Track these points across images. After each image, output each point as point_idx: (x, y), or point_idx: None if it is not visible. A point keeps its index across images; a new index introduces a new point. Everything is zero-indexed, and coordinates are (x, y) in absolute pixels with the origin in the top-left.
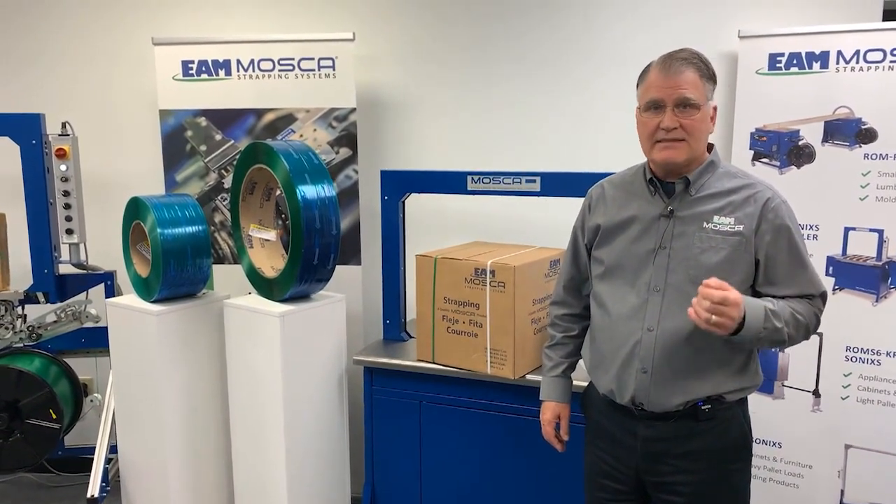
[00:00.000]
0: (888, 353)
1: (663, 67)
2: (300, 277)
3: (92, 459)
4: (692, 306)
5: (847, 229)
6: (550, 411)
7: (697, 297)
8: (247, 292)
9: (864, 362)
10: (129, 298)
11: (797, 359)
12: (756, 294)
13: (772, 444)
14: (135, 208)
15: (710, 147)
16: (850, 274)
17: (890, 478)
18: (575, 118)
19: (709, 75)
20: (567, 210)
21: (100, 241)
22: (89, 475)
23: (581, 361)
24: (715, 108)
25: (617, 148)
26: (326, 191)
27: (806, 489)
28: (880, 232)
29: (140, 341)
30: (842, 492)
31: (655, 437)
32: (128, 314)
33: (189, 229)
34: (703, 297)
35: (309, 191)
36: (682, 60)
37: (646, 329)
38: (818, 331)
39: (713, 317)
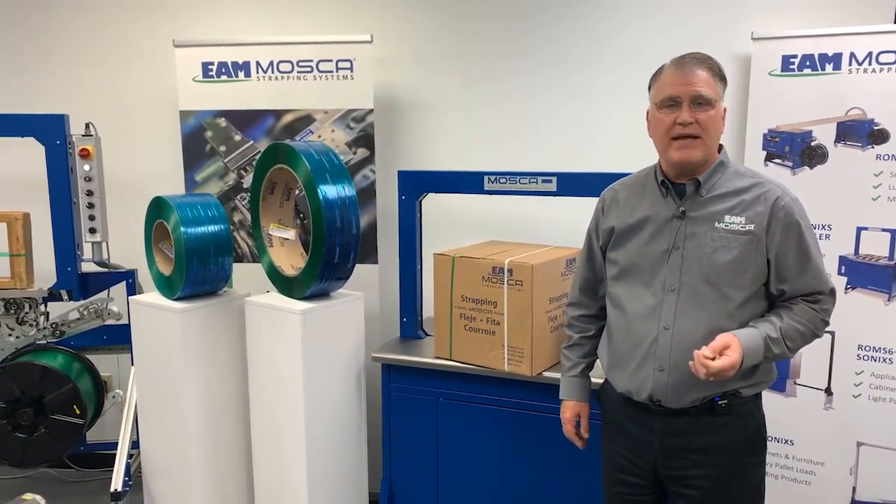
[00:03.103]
0: None
1: (677, 66)
2: (321, 276)
3: (110, 455)
4: (694, 359)
5: (859, 229)
6: (570, 410)
7: (698, 358)
8: (265, 290)
9: (875, 360)
10: (152, 296)
11: (809, 357)
12: (767, 292)
13: (784, 441)
14: (157, 207)
15: (720, 148)
16: (863, 273)
17: None
18: (591, 118)
19: (720, 75)
20: (578, 210)
21: (120, 239)
22: (108, 471)
23: (598, 360)
24: (725, 110)
25: (633, 147)
26: (347, 191)
27: (818, 487)
28: (892, 232)
29: (163, 338)
30: (853, 489)
31: (672, 432)
32: (150, 311)
33: (211, 228)
34: (701, 365)
35: (330, 190)
36: (694, 60)
37: (662, 328)
38: (830, 329)
39: (711, 378)
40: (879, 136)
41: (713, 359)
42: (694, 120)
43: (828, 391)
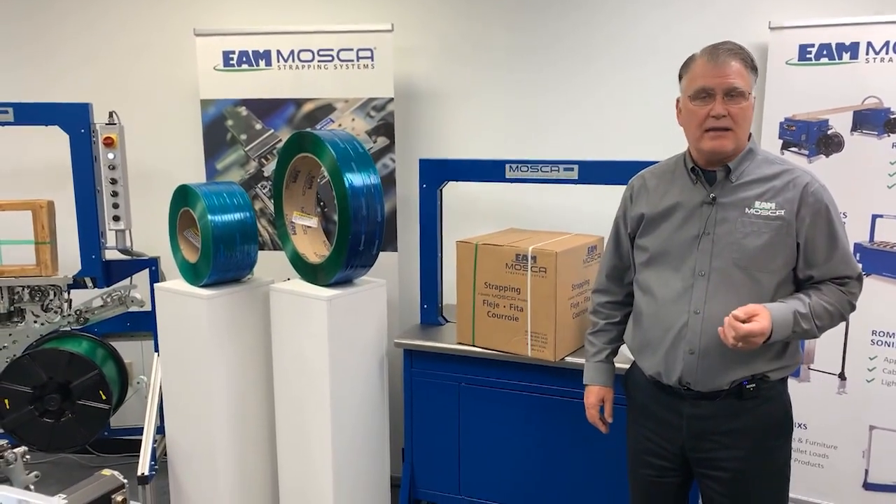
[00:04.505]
0: None
1: (711, 57)
2: (346, 263)
3: (130, 440)
4: (723, 327)
5: (875, 216)
6: (595, 395)
7: (727, 322)
8: (285, 278)
9: (889, 346)
10: (177, 283)
11: (824, 343)
12: (796, 277)
13: (798, 425)
14: (183, 196)
15: (749, 136)
16: (878, 260)
17: None
18: (609, 108)
19: (752, 66)
20: (597, 199)
21: (142, 227)
22: (128, 456)
23: (623, 346)
24: (754, 99)
25: (653, 135)
26: (372, 179)
27: (830, 469)
28: None
29: (189, 325)
30: (866, 472)
31: (701, 415)
32: (176, 298)
33: (237, 216)
34: (730, 327)
35: (356, 179)
36: (728, 51)
37: (692, 312)
38: None
39: (739, 343)
40: (895, 125)
41: (744, 322)
42: (727, 112)
43: (841, 376)
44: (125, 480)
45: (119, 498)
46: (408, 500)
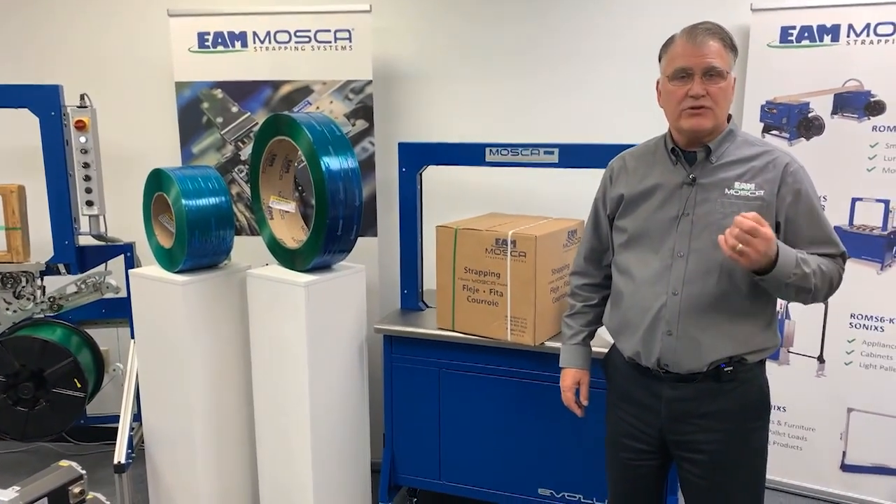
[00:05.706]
0: (891, 320)
1: (690, 37)
2: (324, 248)
3: (107, 428)
4: (724, 234)
5: (854, 200)
6: (570, 378)
7: (736, 222)
8: (264, 263)
9: (867, 329)
10: (152, 269)
11: (803, 326)
12: None
13: (776, 408)
14: (157, 180)
15: (729, 117)
16: (857, 243)
17: (890, 439)
18: (592, 89)
19: (731, 46)
20: (578, 182)
21: (116, 212)
22: (105, 444)
23: (601, 329)
24: (734, 79)
25: (633, 119)
26: (349, 162)
27: (809, 451)
28: (886, 202)
29: (165, 311)
30: (843, 453)
31: (679, 397)
32: (152, 284)
33: (212, 200)
34: (735, 225)
35: (333, 162)
36: (707, 31)
37: (671, 293)
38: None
39: (739, 244)
40: (876, 108)
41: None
42: (705, 92)
43: (820, 359)
44: (83, 471)
45: (76, 489)
46: (388, 486)
